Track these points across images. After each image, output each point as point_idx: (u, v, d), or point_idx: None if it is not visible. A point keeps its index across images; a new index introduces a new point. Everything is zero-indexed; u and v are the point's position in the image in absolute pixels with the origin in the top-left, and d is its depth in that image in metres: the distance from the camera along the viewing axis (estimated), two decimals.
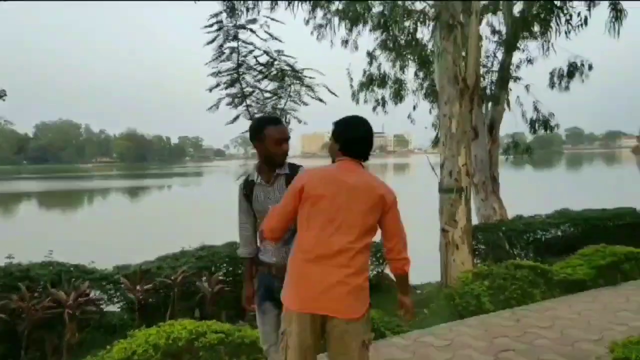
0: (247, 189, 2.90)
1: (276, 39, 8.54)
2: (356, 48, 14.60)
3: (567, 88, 11.92)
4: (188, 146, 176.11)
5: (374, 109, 14.00)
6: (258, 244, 2.97)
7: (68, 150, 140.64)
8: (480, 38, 10.22)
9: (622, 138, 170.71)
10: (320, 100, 9.42)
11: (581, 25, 7.85)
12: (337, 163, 2.48)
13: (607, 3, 7.56)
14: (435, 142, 15.16)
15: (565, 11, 7.76)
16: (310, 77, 8.97)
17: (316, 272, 2.30)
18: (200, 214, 23.32)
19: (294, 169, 2.88)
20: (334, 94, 12.14)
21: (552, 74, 12.05)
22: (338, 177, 2.39)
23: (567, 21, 7.81)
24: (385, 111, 14.09)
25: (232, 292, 5.36)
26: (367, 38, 14.76)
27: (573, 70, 11.60)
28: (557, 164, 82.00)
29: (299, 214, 2.42)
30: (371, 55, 14.53)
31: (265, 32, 8.36)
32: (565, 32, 7.94)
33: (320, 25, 13.86)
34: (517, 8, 11.57)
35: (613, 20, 7.58)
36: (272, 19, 8.50)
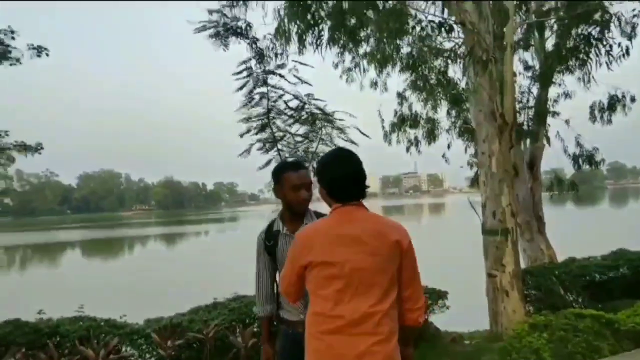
0: (271, 240, 2.66)
1: (305, 82, 8.49)
2: (386, 89, 14.57)
3: (609, 121, 11.41)
4: (223, 192, 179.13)
5: (408, 149, 13.74)
6: (280, 299, 2.69)
7: (109, 199, 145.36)
8: (514, 74, 9.94)
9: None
10: (352, 142, 9.22)
11: (623, 55, 7.48)
12: (333, 213, 2.13)
13: None
14: (473, 181, 14.74)
15: (604, 42, 7.42)
16: (341, 120, 8.87)
17: (340, 344, 1.97)
18: (235, 259, 23.20)
19: (321, 217, 2.64)
20: (365, 135, 11.95)
21: (592, 108, 11.58)
22: (340, 233, 2.05)
23: (608, 52, 7.46)
24: (419, 151, 13.81)
25: None
26: (397, 79, 14.72)
27: (614, 102, 11.10)
28: (600, 201, 78.95)
29: (307, 280, 2.11)
30: (401, 96, 14.41)
31: (295, 76, 8.36)
32: (607, 63, 7.57)
33: (349, 69, 13.96)
34: (551, 42, 11.30)
35: None
36: (301, 63, 8.51)
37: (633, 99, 10.82)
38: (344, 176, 2.10)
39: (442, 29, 6.47)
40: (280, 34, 8.63)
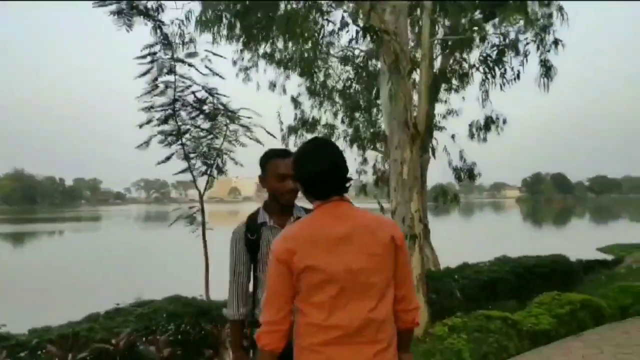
0: (254, 233, 2.35)
1: (217, 74, 8.05)
2: (284, 91, 14.52)
3: (484, 140, 12.50)
4: (85, 188, 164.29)
5: None
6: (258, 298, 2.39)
7: None
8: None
9: (505, 189, 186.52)
10: (258, 141, 8.97)
11: (515, 79, 8.25)
12: (316, 212, 1.88)
13: (536, 60, 8.04)
14: (361, 190, 15.25)
15: (501, 66, 8.12)
16: (248, 117, 8.54)
17: (340, 356, 1.76)
18: (102, 262, 21.25)
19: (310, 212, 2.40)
20: (272, 135, 11.72)
21: (470, 126, 12.62)
22: (327, 232, 1.81)
23: (502, 74, 8.18)
24: None
25: (184, 356, 4.57)
26: (296, 81, 14.72)
27: (489, 123, 12.21)
28: (481, 212, 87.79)
29: (294, 286, 1.83)
30: (295, 101, 14.47)
31: (207, 67, 7.86)
32: (500, 85, 8.29)
33: (246, 68, 13.64)
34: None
35: (543, 75, 8.05)
36: (214, 54, 8.04)
37: (505, 121, 12.02)
38: (322, 170, 1.86)
39: (367, 35, 6.50)
40: (198, 21, 8.04)
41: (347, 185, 1.93)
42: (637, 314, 6.52)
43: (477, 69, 8.28)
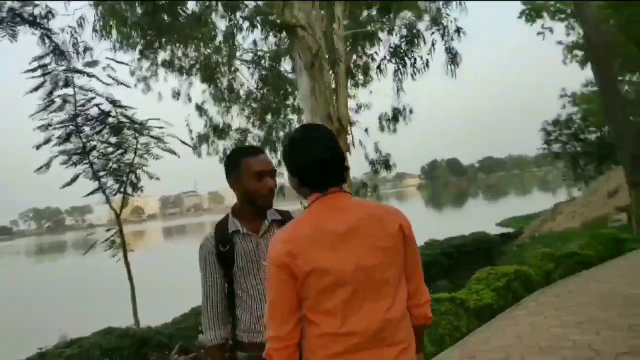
0: (226, 244, 2.08)
1: (122, 83, 7.45)
2: (189, 99, 13.93)
3: (394, 131, 12.90)
4: None
5: (222, 160, 13.31)
6: (238, 316, 2.13)
7: None
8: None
9: (406, 178, 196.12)
10: (173, 152, 8.46)
11: (424, 67, 8.55)
12: (314, 207, 1.69)
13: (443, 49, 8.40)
14: (280, 192, 15.03)
15: (409, 55, 8.37)
16: (159, 128, 8.01)
17: None
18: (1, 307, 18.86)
19: (285, 214, 2.18)
20: (187, 144, 11.13)
21: (380, 118, 12.96)
22: (331, 228, 1.62)
23: (412, 64, 8.44)
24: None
25: None
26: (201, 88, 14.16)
27: (397, 114, 12.63)
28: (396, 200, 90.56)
29: (300, 293, 1.62)
30: (200, 108, 13.95)
31: (109, 76, 7.23)
32: (411, 75, 8.55)
33: (145, 77, 12.91)
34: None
35: (449, 62, 8.43)
36: (117, 61, 7.43)
37: (411, 111, 12.50)
38: (320, 158, 1.66)
39: (282, 31, 6.35)
40: (101, 26, 7.35)
41: (345, 173, 1.75)
42: (559, 277, 7.03)
43: (389, 60, 8.46)
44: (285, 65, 12.53)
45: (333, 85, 7.12)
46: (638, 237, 9.31)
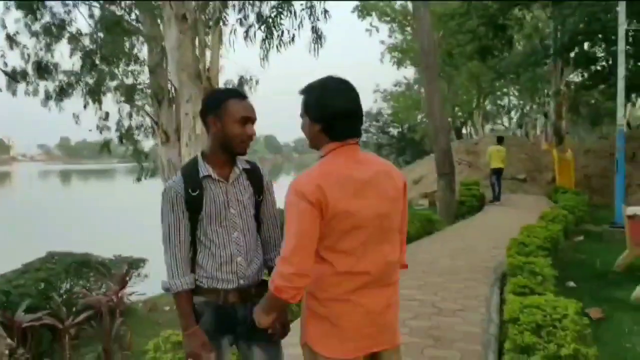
0: (196, 188, 1.99)
1: None
2: (5, 26, 11.77)
3: None
4: None
5: (42, 103, 11.56)
6: (200, 263, 2.08)
7: None
8: None
9: None
10: None
11: (290, 41, 8.69)
12: (335, 154, 1.78)
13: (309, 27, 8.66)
14: (103, 147, 13.71)
15: (278, 28, 8.42)
16: None
17: (368, 301, 1.78)
18: None
19: (254, 166, 2.18)
20: (8, 75, 9.65)
21: (225, 84, 12.79)
22: (353, 176, 1.75)
23: (279, 36, 8.51)
24: (50, 107, 11.73)
25: None
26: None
27: (242, 83, 12.64)
28: None
29: (321, 232, 1.73)
30: (12, 39, 11.91)
31: None
32: (277, 47, 8.61)
33: None
34: None
35: (314, 41, 8.75)
36: None
37: (257, 82, 12.62)
38: (349, 109, 1.78)
39: None
40: None
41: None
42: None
43: (259, 28, 8.35)
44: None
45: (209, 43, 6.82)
46: (442, 218, 11.07)
